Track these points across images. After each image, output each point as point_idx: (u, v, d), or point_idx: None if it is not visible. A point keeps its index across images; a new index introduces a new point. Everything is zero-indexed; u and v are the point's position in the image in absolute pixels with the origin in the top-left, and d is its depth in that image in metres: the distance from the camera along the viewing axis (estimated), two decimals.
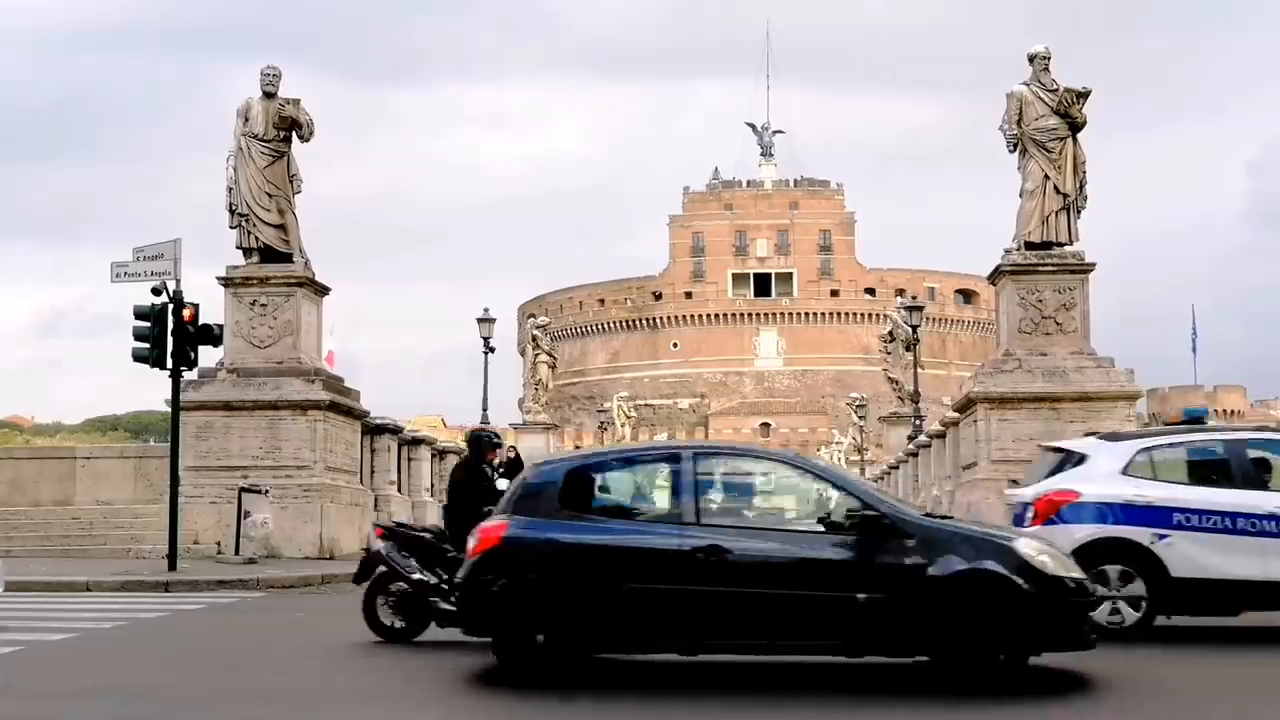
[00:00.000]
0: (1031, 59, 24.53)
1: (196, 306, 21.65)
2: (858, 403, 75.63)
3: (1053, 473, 13.71)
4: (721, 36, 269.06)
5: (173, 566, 20.78)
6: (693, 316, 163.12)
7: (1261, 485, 13.12)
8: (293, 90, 25.36)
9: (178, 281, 21.45)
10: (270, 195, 25.21)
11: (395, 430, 29.72)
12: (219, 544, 23.71)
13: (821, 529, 9.83)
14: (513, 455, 31.06)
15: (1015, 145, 24.55)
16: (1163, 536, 12.79)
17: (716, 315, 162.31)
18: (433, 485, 32.15)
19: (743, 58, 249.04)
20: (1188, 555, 12.74)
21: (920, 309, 50.10)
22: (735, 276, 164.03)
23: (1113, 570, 12.75)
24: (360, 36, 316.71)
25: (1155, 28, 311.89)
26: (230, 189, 25.26)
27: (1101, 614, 12.09)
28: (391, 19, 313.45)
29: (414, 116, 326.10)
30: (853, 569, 9.54)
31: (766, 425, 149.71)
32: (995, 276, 25.27)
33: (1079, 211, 24.55)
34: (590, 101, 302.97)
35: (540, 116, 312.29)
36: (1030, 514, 13.22)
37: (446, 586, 12.44)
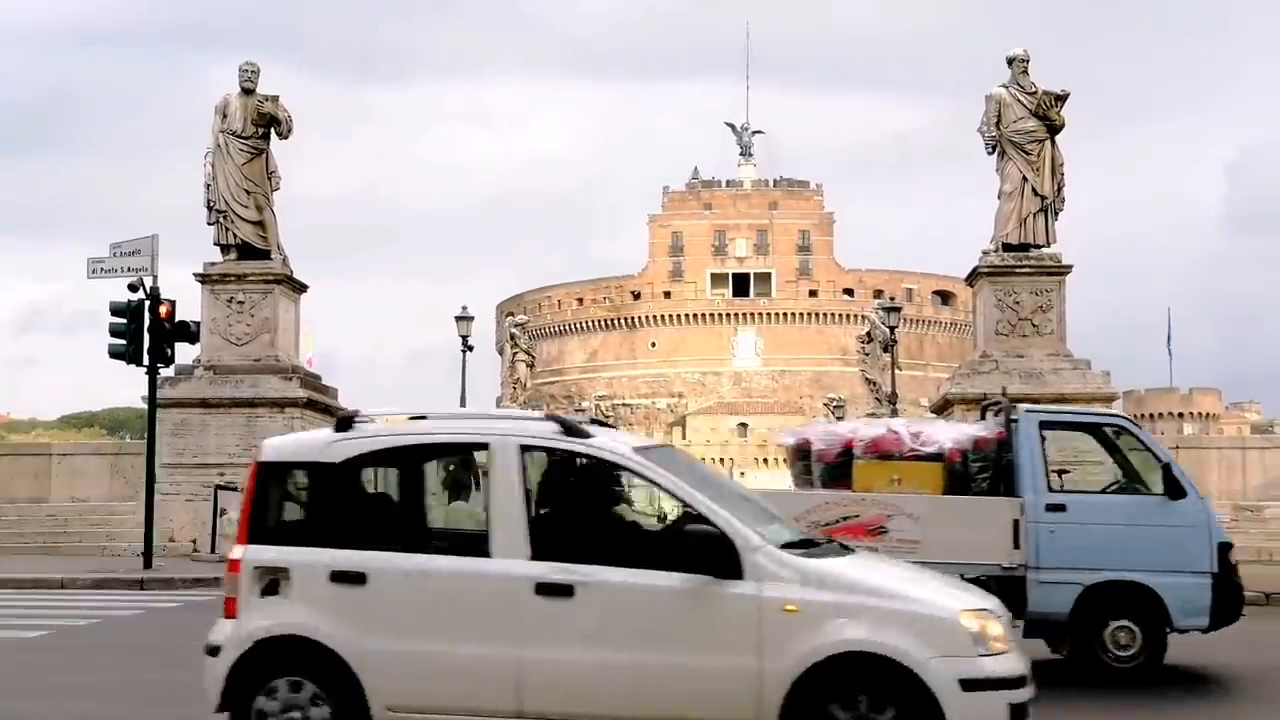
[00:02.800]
0: (1010, 62, 24.59)
1: (174, 303, 21.58)
2: (835, 404, 75.64)
3: None
4: (703, 37, 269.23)
5: (148, 564, 20.70)
6: (671, 316, 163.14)
7: None
8: (273, 87, 25.30)
9: (155, 278, 21.38)
10: (248, 192, 25.12)
11: None
12: (195, 542, 23.62)
13: None
14: None
15: (994, 147, 24.61)
16: None
17: (695, 315, 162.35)
18: None
19: (723, 59, 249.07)
20: None
21: (898, 310, 50.17)
22: (714, 276, 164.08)
23: None
24: (342, 34, 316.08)
25: (1134, 31, 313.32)
26: (208, 185, 25.17)
27: None
28: (373, 17, 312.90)
29: (395, 114, 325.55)
30: None
31: (744, 425, 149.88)
32: (973, 278, 25.32)
33: (1056, 213, 24.62)
34: (571, 101, 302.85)
35: (521, 116, 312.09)
36: None
37: None
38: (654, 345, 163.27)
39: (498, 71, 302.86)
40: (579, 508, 7.23)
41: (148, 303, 21.21)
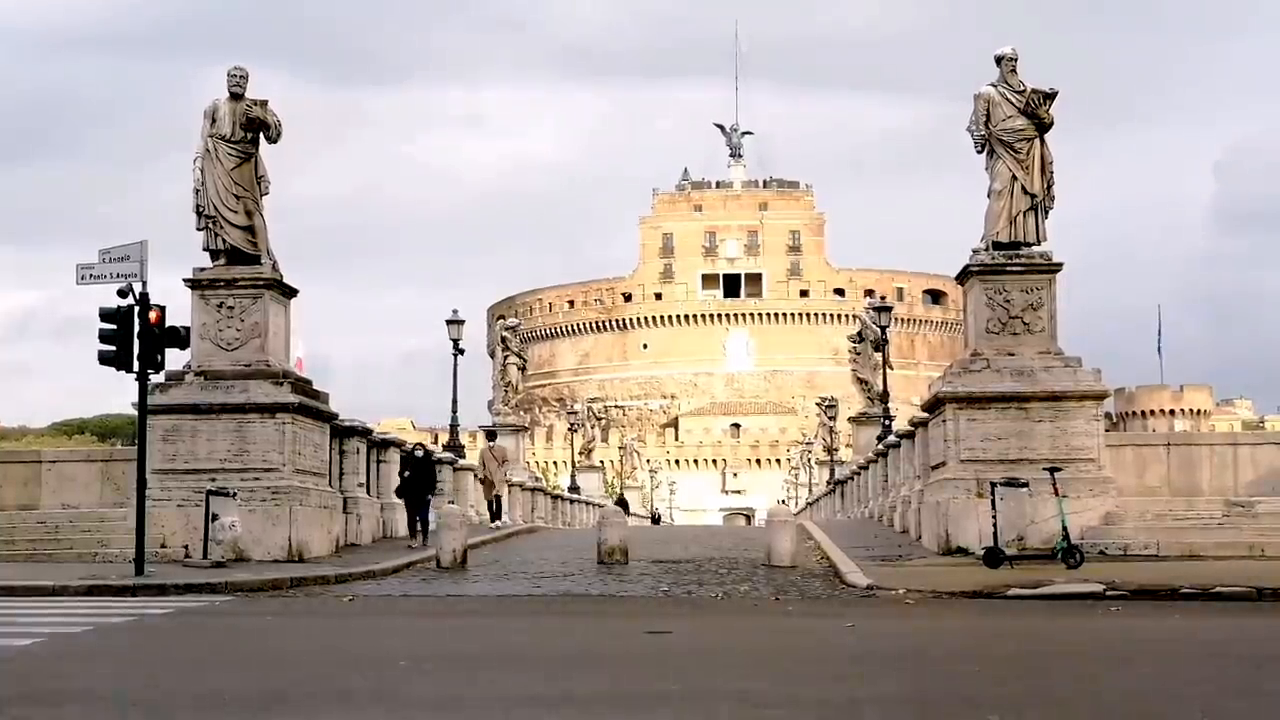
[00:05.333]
0: (999, 60, 24.60)
1: (163, 309, 21.52)
2: (827, 403, 75.73)
3: None
4: (692, 39, 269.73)
5: (140, 570, 20.65)
6: (662, 318, 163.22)
7: None
8: (268, 92, 25.25)
9: (144, 283, 21.31)
10: (238, 197, 25.07)
11: (364, 433, 29.61)
12: (186, 547, 23.57)
13: None
14: (420, 454, 30.63)
15: (983, 146, 24.63)
16: None
17: (686, 316, 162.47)
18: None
19: (713, 60, 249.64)
20: None
21: (889, 309, 50.18)
22: (705, 277, 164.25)
23: None
24: (335, 39, 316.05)
25: (1124, 31, 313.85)
26: (197, 191, 25.11)
27: None
28: (367, 21, 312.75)
29: (388, 118, 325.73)
30: None
31: (736, 426, 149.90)
32: (963, 277, 25.34)
33: (1046, 212, 24.63)
34: (563, 104, 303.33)
35: (514, 119, 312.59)
36: None
37: None
38: (645, 347, 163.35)
39: (490, 75, 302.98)
40: None
41: (137, 308, 21.15)
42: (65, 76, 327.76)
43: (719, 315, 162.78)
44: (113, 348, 21.34)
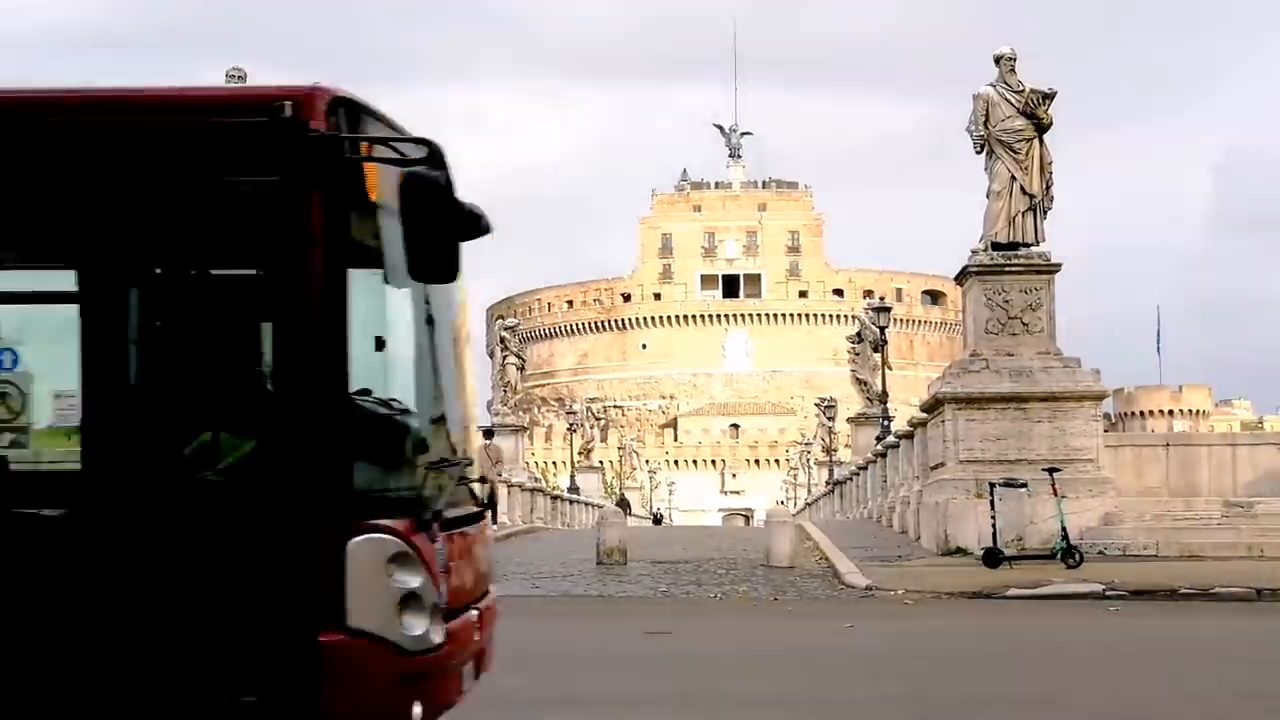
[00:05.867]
0: (998, 60, 24.58)
1: None
2: (826, 404, 75.65)
3: None
4: (694, 39, 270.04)
5: None
6: (661, 318, 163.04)
7: None
8: None
9: None
10: None
11: None
12: None
13: None
14: None
15: (982, 146, 24.61)
16: None
17: (685, 317, 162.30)
18: None
19: (715, 60, 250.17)
20: None
21: (888, 310, 50.14)
22: (704, 278, 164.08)
23: None
24: (335, 39, 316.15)
25: (1124, 31, 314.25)
26: None
27: None
28: (366, 22, 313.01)
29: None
30: None
31: (735, 426, 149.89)
32: (962, 277, 25.34)
33: (1045, 212, 24.62)
34: (563, 105, 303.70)
35: (514, 120, 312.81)
36: None
37: None
38: (645, 347, 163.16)
39: (490, 75, 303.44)
40: None
41: None
42: (65, 77, 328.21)
43: (718, 316, 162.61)
44: None
